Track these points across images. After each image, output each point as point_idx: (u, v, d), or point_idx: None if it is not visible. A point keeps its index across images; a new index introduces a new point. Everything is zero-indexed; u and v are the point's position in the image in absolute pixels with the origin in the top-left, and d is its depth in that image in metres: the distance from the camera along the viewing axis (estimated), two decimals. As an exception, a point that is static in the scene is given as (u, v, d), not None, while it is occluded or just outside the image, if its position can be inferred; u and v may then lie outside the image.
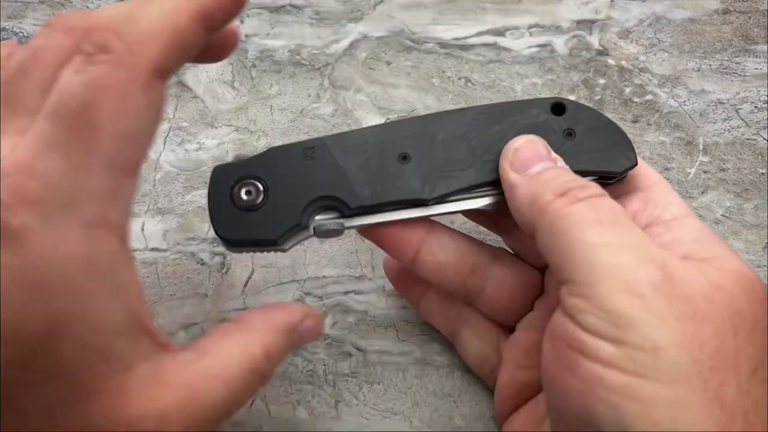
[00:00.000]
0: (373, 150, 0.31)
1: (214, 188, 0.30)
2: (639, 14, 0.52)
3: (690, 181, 0.43)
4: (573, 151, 0.31)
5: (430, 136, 0.31)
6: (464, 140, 0.31)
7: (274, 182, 0.30)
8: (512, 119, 0.32)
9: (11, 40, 0.50)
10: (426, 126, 0.32)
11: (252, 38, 0.51)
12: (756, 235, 0.41)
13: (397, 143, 0.31)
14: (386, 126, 0.32)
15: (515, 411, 0.33)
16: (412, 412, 0.36)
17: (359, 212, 0.31)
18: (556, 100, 0.32)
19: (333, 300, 0.39)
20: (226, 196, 0.30)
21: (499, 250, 0.34)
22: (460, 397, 0.36)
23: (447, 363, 0.37)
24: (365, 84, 0.49)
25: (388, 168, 0.31)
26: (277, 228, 0.30)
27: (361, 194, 0.30)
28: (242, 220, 0.30)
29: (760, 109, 0.46)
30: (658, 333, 0.23)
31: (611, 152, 0.31)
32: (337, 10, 0.53)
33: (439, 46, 0.51)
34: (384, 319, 0.39)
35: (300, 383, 0.37)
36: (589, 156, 0.31)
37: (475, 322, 0.35)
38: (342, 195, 0.30)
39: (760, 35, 0.50)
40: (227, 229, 0.30)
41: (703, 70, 0.48)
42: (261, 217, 0.30)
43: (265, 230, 0.30)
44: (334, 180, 0.30)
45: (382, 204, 0.31)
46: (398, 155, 0.31)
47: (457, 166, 0.31)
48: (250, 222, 0.30)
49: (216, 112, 0.48)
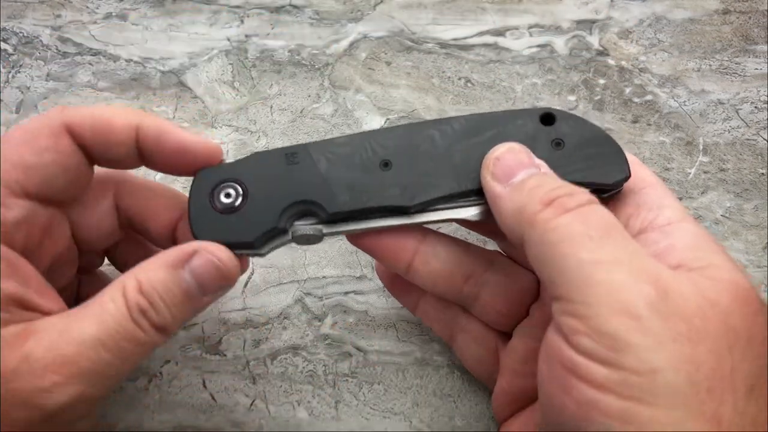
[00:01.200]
0: (355, 157, 0.31)
1: (196, 190, 0.30)
2: (639, 14, 0.52)
3: (690, 181, 0.43)
4: (562, 161, 0.30)
5: (413, 144, 0.31)
6: (448, 149, 0.31)
7: (254, 186, 0.30)
8: (498, 129, 0.31)
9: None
10: (410, 134, 0.31)
11: (252, 38, 0.51)
12: (756, 235, 0.41)
13: (380, 150, 0.31)
14: (370, 133, 0.31)
15: (513, 416, 0.33)
16: (412, 413, 0.36)
17: (338, 218, 0.30)
18: (545, 110, 0.31)
19: (333, 300, 0.39)
20: (206, 197, 0.30)
21: (494, 255, 0.34)
22: (460, 398, 0.36)
23: (447, 363, 0.37)
24: (365, 84, 0.49)
25: (369, 175, 0.30)
26: (254, 231, 0.29)
27: (340, 200, 0.30)
28: (220, 222, 0.29)
29: (760, 110, 0.46)
30: (655, 356, 0.22)
31: (603, 164, 0.30)
32: (337, 10, 0.53)
33: (439, 46, 0.51)
34: (384, 319, 0.39)
35: (300, 383, 0.37)
36: (580, 167, 0.30)
37: (472, 328, 0.35)
38: (320, 200, 0.30)
39: (760, 35, 0.50)
40: (204, 231, 0.29)
41: (703, 71, 0.48)
42: (238, 219, 0.29)
43: (241, 233, 0.29)
44: (314, 185, 0.30)
45: (361, 210, 0.30)
46: (380, 162, 0.31)
47: (439, 174, 0.30)
48: (227, 224, 0.29)
49: (216, 112, 0.48)
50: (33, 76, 0.50)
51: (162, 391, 0.36)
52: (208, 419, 0.36)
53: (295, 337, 0.38)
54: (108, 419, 0.35)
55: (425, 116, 0.47)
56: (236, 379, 0.37)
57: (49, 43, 0.52)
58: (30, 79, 0.50)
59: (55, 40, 0.52)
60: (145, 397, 0.36)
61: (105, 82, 0.49)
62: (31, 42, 0.52)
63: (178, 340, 0.38)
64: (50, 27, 0.52)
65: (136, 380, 0.37)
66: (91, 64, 0.50)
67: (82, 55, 0.51)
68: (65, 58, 0.51)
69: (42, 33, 0.52)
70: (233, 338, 0.38)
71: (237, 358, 0.37)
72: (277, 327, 0.38)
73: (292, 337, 0.38)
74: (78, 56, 0.51)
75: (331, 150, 0.31)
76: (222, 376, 0.37)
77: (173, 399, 0.36)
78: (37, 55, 0.51)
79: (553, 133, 0.31)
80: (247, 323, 0.39)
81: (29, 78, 0.50)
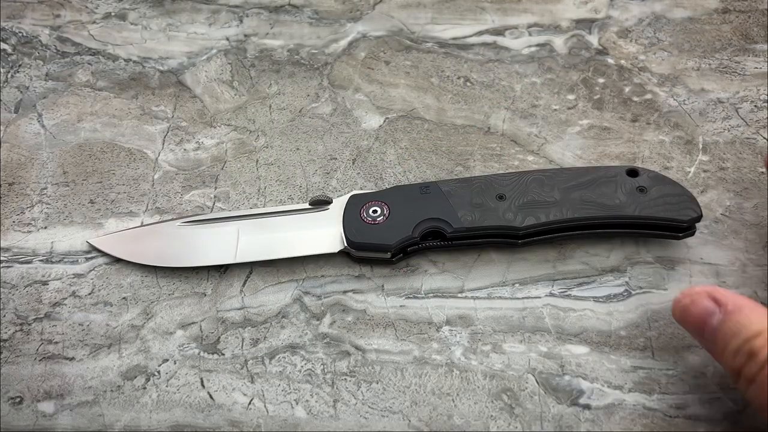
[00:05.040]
0: (476, 191, 0.39)
1: (350, 205, 0.39)
2: (638, 13, 0.52)
3: (690, 180, 0.43)
4: (646, 203, 0.38)
5: (524, 183, 0.39)
6: (554, 188, 0.39)
7: (395, 207, 0.39)
8: (596, 173, 0.39)
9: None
10: (521, 176, 0.40)
11: (251, 38, 0.51)
12: (756, 233, 0.40)
13: (496, 187, 0.39)
14: (488, 176, 0.40)
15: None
16: (410, 411, 0.36)
17: (460, 235, 0.38)
18: (630, 167, 0.39)
19: (331, 299, 0.39)
20: (357, 212, 0.39)
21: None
22: (459, 396, 0.36)
23: (445, 362, 0.37)
24: (364, 83, 0.49)
25: (486, 203, 0.39)
26: (394, 237, 0.38)
27: (463, 219, 0.38)
28: (366, 229, 0.39)
29: (759, 108, 0.46)
30: None
31: (678, 206, 0.38)
32: (336, 10, 0.53)
33: (438, 46, 0.50)
34: (382, 318, 0.38)
35: (298, 382, 0.36)
36: (660, 208, 0.38)
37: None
38: (446, 218, 0.38)
39: (760, 34, 0.50)
40: (353, 234, 0.38)
41: (703, 69, 0.48)
42: (383, 229, 0.38)
43: (384, 238, 0.38)
44: (442, 208, 0.39)
45: (479, 228, 0.38)
46: (496, 195, 0.39)
47: (546, 205, 0.38)
48: (372, 230, 0.38)
49: (215, 111, 0.48)
50: (32, 75, 0.50)
51: (160, 390, 0.36)
52: (206, 418, 0.35)
53: (293, 336, 0.38)
54: (106, 418, 0.35)
55: (425, 115, 0.47)
56: (234, 378, 0.37)
57: (48, 42, 0.52)
58: (29, 78, 0.50)
59: (54, 39, 0.52)
60: (143, 396, 0.36)
61: (104, 82, 0.49)
62: (30, 42, 0.52)
63: (176, 338, 0.38)
64: (49, 27, 0.52)
65: (133, 379, 0.37)
66: (90, 63, 0.50)
67: (81, 55, 0.51)
68: (64, 58, 0.51)
69: (41, 33, 0.52)
70: (231, 337, 0.38)
71: (235, 357, 0.37)
72: (275, 326, 0.38)
73: (290, 336, 0.38)
74: (77, 56, 0.51)
75: (457, 184, 0.40)
76: (220, 375, 0.37)
77: (171, 398, 0.36)
78: (36, 55, 0.51)
79: (637, 182, 0.39)
80: (245, 322, 0.38)
81: (28, 78, 0.50)
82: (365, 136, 0.46)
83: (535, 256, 0.40)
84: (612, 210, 0.38)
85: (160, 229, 0.41)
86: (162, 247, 0.40)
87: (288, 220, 0.41)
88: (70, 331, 0.38)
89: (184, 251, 0.40)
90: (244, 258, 0.40)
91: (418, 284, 0.40)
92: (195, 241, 0.40)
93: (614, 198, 0.38)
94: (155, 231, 0.41)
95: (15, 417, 0.36)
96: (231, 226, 0.41)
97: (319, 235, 0.40)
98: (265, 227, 0.40)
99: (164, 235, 0.41)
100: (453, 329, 0.38)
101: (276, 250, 0.40)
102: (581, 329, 0.37)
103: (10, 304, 0.39)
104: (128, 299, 0.39)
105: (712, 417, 0.34)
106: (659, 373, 0.36)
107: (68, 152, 0.46)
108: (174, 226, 0.41)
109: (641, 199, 0.38)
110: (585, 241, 0.40)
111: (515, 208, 0.38)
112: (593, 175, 0.39)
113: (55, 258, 0.41)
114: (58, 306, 0.39)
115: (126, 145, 0.46)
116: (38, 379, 0.37)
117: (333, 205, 0.41)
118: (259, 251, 0.40)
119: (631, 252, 0.40)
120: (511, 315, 0.38)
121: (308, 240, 0.40)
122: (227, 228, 0.41)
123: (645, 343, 0.37)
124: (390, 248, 0.38)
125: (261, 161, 0.45)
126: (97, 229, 0.42)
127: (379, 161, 0.45)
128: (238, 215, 0.41)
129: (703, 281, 0.39)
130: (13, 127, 0.47)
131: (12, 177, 0.45)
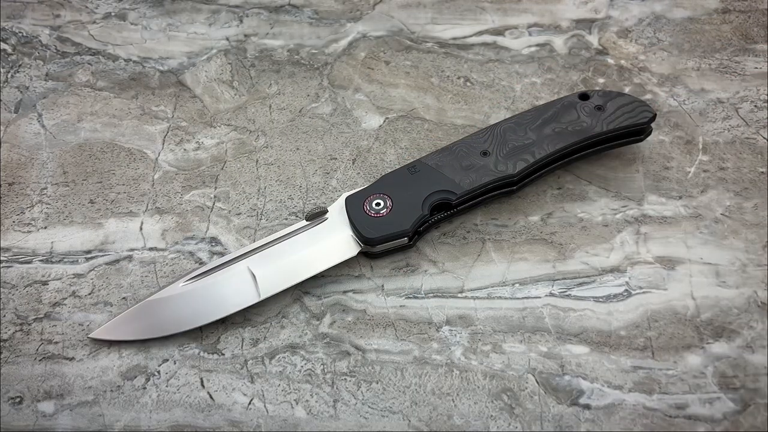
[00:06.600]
0: (461, 155, 0.41)
1: (351, 207, 0.39)
2: (638, 13, 0.52)
3: (690, 180, 0.43)
4: (607, 118, 0.41)
5: (500, 134, 0.42)
6: (527, 130, 0.41)
7: (395, 193, 0.40)
8: (554, 106, 0.42)
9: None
10: (493, 129, 0.42)
11: (251, 38, 0.51)
12: (756, 233, 0.40)
13: (476, 146, 0.41)
14: (462, 139, 0.42)
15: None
16: (410, 411, 0.36)
17: (465, 200, 0.40)
18: (580, 92, 0.43)
19: (331, 299, 0.39)
20: (361, 211, 0.39)
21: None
22: (459, 396, 0.36)
23: (445, 362, 0.37)
24: (364, 83, 0.49)
25: (476, 163, 0.41)
26: (407, 220, 0.39)
27: (462, 183, 0.40)
28: (378, 223, 0.39)
29: (759, 108, 0.46)
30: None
31: (634, 112, 0.42)
32: (337, 10, 0.53)
33: (438, 46, 0.50)
34: (382, 318, 0.38)
35: (298, 382, 0.36)
36: (622, 119, 0.41)
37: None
38: (448, 187, 0.40)
39: (760, 34, 0.50)
40: (368, 231, 0.39)
41: (703, 69, 0.48)
42: (392, 217, 0.39)
43: (398, 225, 0.39)
44: (439, 180, 0.40)
45: (480, 186, 0.40)
46: (480, 152, 0.41)
47: (528, 147, 0.41)
48: (384, 222, 0.39)
49: (215, 111, 0.48)
50: (32, 75, 0.50)
51: (160, 390, 0.36)
52: (205, 418, 0.35)
53: (293, 336, 0.38)
54: (106, 418, 0.35)
55: (424, 115, 0.47)
56: (234, 378, 0.37)
57: (48, 42, 0.52)
58: (29, 78, 0.50)
59: (54, 39, 0.52)
60: (143, 396, 0.36)
61: (104, 82, 0.49)
62: (30, 42, 0.52)
63: (175, 339, 0.38)
64: (49, 27, 0.52)
65: (133, 379, 0.37)
66: (90, 63, 0.50)
67: (81, 55, 0.51)
68: (64, 58, 0.51)
69: (41, 33, 0.52)
70: (231, 337, 0.38)
71: (235, 357, 0.37)
72: (275, 326, 0.38)
73: (290, 336, 0.38)
74: (77, 56, 0.51)
75: (440, 155, 0.41)
76: (220, 375, 0.37)
77: (171, 398, 0.36)
78: (36, 55, 0.51)
79: (593, 103, 0.42)
80: (245, 322, 0.38)
81: (28, 78, 0.50)
82: (365, 136, 0.46)
83: (535, 256, 0.40)
84: (584, 133, 0.41)
85: (165, 297, 0.38)
86: (176, 312, 0.38)
87: (294, 241, 0.39)
88: (70, 331, 0.38)
89: (203, 308, 0.38)
90: (268, 292, 0.38)
91: (418, 284, 0.40)
92: (208, 294, 0.38)
93: (581, 122, 0.42)
94: (161, 301, 0.38)
95: (15, 417, 0.36)
96: (239, 266, 0.39)
97: (331, 245, 0.39)
98: (275, 255, 0.39)
99: (173, 300, 0.38)
100: (453, 329, 0.38)
101: (298, 273, 0.38)
102: (581, 329, 0.37)
103: (10, 304, 0.39)
104: (128, 299, 0.39)
105: (712, 417, 0.34)
106: (659, 373, 0.36)
107: (68, 152, 0.46)
108: (178, 288, 0.38)
109: (602, 116, 0.42)
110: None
111: (503, 159, 0.41)
112: (553, 109, 0.42)
113: (55, 258, 0.41)
114: (58, 306, 0.39)
115: (126, 145, 0.46)
116: (38, 379, 0.37)
117: (329, 213, 0.40)
118: (281, 280, 0.38)
119: (631, 252, 0.40)
120: (511, 315, 0.38)
121: (324, 253, 0.39)
122: (236, 269, 0.38)
123: (645, 343, 0.37)
124: (407, 233, 0.39)
125: (261, 161, 0.45)
126: (97, 229, 0.42)
127: (379, 161, 0.45)
128: (237, 255, 0.39)
129: (703, 281, 0.39)
130: (13, 127, 0.47)
131: (12, 177, 0.45)
